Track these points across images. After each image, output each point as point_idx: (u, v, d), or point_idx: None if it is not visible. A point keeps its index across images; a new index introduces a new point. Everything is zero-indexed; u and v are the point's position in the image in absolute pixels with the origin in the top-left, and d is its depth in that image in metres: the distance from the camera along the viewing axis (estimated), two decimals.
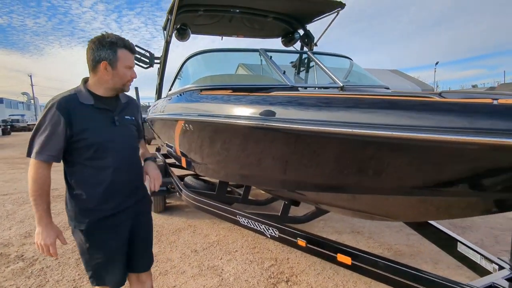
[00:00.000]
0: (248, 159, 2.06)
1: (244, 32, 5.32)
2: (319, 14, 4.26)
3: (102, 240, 1.50)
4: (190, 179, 4.25)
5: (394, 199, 1.72)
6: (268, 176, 2.07)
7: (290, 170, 1.92)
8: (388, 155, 1.43)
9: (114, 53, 1.42)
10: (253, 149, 1.99)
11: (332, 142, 1.56)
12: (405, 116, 1.31)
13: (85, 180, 1.46)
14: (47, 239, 1.39)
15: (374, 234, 3.61)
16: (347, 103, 1.55)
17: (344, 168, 1.66)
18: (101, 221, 1.49)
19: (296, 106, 1.76)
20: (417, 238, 3.48)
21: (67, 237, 1.88)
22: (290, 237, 2.16)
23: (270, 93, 2.00)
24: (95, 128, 1.43)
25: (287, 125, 1.68)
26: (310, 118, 1.62)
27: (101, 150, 1.44)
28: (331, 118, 1.53)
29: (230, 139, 2.06)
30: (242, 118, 1.88)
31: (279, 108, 1.78)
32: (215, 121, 2.04)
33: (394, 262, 1.73)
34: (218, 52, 2.95)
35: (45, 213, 1.39)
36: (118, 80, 1.47)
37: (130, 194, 1.58)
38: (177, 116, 2.62)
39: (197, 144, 2.51)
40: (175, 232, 3.80)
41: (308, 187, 2.03)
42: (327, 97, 1.74)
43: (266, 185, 2.30)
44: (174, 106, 2.87)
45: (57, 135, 1.35)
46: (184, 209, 4.75)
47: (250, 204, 4.02)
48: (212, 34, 5.33)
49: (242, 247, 3.32)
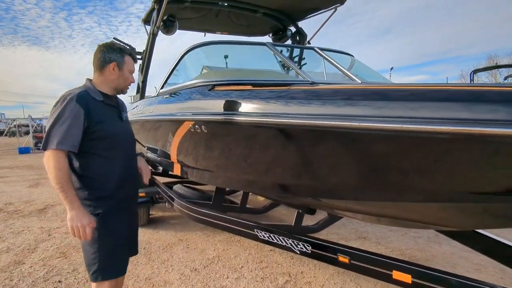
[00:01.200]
0: (285, 164, 1.76)
1: (230, 29, 5.00)
2: (314, 11, 4.07)
3: (115, 224, 1.61)
4: (180, 187, 3.83)
5: (454, 206, 1.53)
6: (306, 182, 1.79)
7: (334, 174, 1.67)
8: (457, 154, 1.24)
9: (122, 57, 1.62)
10: (291, 151, 1.70)
11: (383, 140, 1.34)
12: (489, 109, 1.11)
13: (99, 169, 1.57)
14: (83, 219, 1.45)
15: (381, 239, 3.47)
16: (405, 96, 1.34)
17: (395, 169, 1.44)
18: (115, 206, 1.61)
19: (340, 101, 1.51)
20: (424, 241, 3.40)
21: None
22: (328, 253, 1.89)
23: (314, 87, 1.73)
24: (109, 121, 1.58)
25: (335, 123, 1.43)
26: (358, 114, 1.38)
27: (114, 142, 1.59)
28: (385, 113, 1.31)
29: (267, 141, 1.75)
30: (283, 116, 1.58)
31: (323, 105, 1.53)
32: (249, 121, 1.71)
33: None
34: (221, 45, 2.62)
35: (75, 197, 1.46)
36: (122, 81, 1.66)
37: (134, 184, 1.77)
38: (182, 116, 2.24)
39: (209, 148, 2.16)
40: (166, 248, 3.36)
41: (346, 193, 1.79)
42: (379, 90, 1.50)
43: (299, 193, 2.01)
44: (173, 106, 2.48)
45: (78, 125, 1.45)
46: (169, 220, 4.30)
47: (248, 212, 3.69)
48: (195, 29, 4.94)
49: (248, 262, 3.00)
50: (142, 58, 3.90)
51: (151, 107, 2.93)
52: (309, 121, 1.51)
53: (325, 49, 3.10)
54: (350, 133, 1.42)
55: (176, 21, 3.60)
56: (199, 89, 2.19)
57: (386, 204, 1.72)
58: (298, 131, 1.60)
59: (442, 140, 1.19)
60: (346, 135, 1.44)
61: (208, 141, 2.12)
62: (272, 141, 1.76)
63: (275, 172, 1.86)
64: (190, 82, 2.34)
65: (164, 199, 3.60)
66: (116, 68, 1.60)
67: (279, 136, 1.68)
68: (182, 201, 3.11)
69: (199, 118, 2.04)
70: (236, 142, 1.93)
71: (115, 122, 1.63)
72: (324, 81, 2.32)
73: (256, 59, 3.01)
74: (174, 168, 3.14)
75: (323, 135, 1.51)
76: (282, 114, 1.61)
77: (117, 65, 1.60)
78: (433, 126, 1.16)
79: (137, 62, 1.80)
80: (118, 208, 1.63)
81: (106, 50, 1.59)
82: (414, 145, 1.30)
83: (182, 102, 2.36)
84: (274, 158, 1.83)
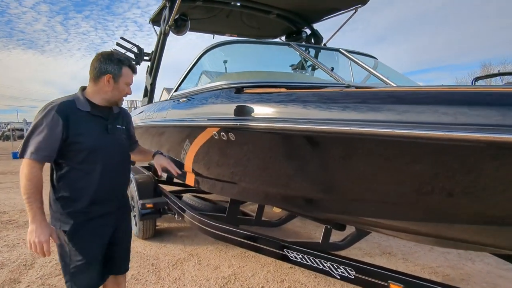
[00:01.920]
0: (330, 176, 1.52)
1: (240, 31, 4.79)
2: (332, 12, 3.87)
3: (84, 242, 1.54)
4: (190, 198, 3.56)
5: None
6: (352, 197, 1.56)
7: (386, 190, 1.44)
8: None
9: (119, 69, 1.56)
10: (338, 162, 1.47)
11: (448, 150, 1.12)
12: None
13: (73, 183, 1.51)
14: (41, 236, 1.39)
15: (407, 255, 3.23)
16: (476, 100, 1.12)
17: (458, 184, 1.22)
18: (86, 223, 1.54)
19: (395, 105, 1.29)
20: (455, 257, 3.17)
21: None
22: (375, 280, 1.65)
23: (354, 90, 1.51)
24: (89, 133, 1.50)
25: (398, 131, 1.21)
26: (421, 120, 1.16)
27: (92, 155, 1.51)
28: (455, 120, 1.10)
29: (310, 150, 1.51)
30: (331, 122, 1.36)
31: (381, 110, 1.30)
32: (289, 127, 1.48)
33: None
34: (243, 44, 2.40)
35: (39, 211, 1.41)
36: (117, 93, 1.60)
37: (114, 200, 1.66)
38: (203, 122, 2.00)
39: (236, 157, 1.91)
40: (176, 264, 3.09)
41: (395, 211, 1.56)
42: (437, 93, 1.28)
43: (338, 209, 1.77)
44: (191, 110, 2.23)
45: (54, 136, 1.40)
46: (175, 232, 4.02)
47: (263, 226, 3.43)
48: (204, 30, 4.72)
49: (268, 281, 2.74)
50: (150, 59, 3.66)
51: (164, 112, 2.69)
52: (367, 128, 1.28)
53: (349, 50, 2.90)
54: (409, 142, 1.20)
55: (188, 21, 3.37)
56: (224, 92, 1.95)
57: (443, 225, 1.49)
58: (349, 140, 1.37)
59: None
60: (403, 145, 1.23)
61: (235, 150, 1.87)
62: (317, 150, 1.52)
63: (318, 185, 1.63)
64: (212, 84, 2.10)
65: (173, 211, 3.34)
66: (111, 80, 1.55)
67: (326, 144, 1.46)
68: (195, 214, 2.86)
69: (226, 124, 1.80)
70: (272, 151, 1.69)
71: (98, 134, 1.54)
72: (358, 85, 2.11)
73: (278, 60, 2.79)
74: (187, 178, 2.88)
75: (379, 144, 1.29)
76: (330, 120, 1.38)
77: (112, 78, 1.55)
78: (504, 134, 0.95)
79: (136, 73, 1.70)
80: (91, 226, 1.55)
81: (104, 60, 1.54)
82: (484, 157, 1.08)
83: (202, 106, 2.11)
84: (318, 170, 1.59)
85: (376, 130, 1.27)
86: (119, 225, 1.72)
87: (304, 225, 4.14)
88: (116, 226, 1.69)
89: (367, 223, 1.90)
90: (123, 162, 1.71)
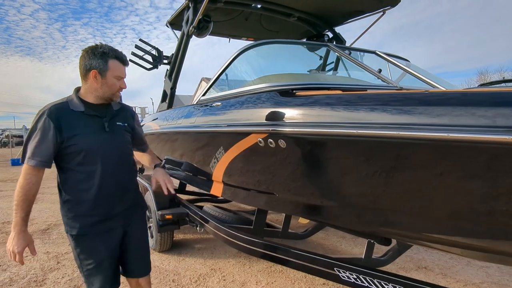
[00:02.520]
0: (388, 187, 1.35)
1: (258, 35, 4.64)
2: (357, 14, 3.73)
3: (92, 246, 1.52)
4: (210, 208, 3.36)
5: None
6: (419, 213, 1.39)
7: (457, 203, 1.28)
8: None
9: (105, 63, 1.47)
10: (407, 171, 1.30)
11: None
12: None
13: (75, 186, 1.48)
14: (15, 246, 1.40)
15: (445, 270, 3.04)
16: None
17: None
18: (92, 226, 1.51)
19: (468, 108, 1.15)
20: (496, 272, 2.98)
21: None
22: None
23: (438, 91, 1.35)
24: (85, 134, 1.46)
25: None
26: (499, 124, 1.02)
27: (90, 155, 1.47)
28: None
29: (377, 157, 1.33)
30: (402, 127, 1.20)
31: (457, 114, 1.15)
32: (357, 134, 1.30)
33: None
34: (281, 45, 2.24)
35: (22, 221, 1.40)
36: (107, 89, 1.51)
37: (121, 200, 1.59)
38: (248, 127, 1.82)
39: (283, 166, 1.73)
40: (199, 281, 2.88)
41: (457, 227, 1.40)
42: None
43: (400, 226, 1.59)
44: (230, 115, 2.05)
45: (47, 140, 1.39)
46: (193, 244, 3.81)
47: (290, 238, 3.22)
48: (220, 34, 4.57)
49: None
50: (170, 62, 3.49)
51: (192, 118, 2.50)
52: (443, 133, 1.13)
53: (384, 52, 2.74)
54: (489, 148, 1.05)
55: (211, 22, 3.21)
56: (271, 95, 1.78)
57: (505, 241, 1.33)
58: (427, 147, 1.22)
59: None
60: (474, 151, 1.08)
61: (285, 158, 1.69)
62: (385, 157, 1.35)
63: (380, 198, 1.45)
64: (255, 87, 1.92)
65: (195, 223, 3.14)
66: (98, 75, 1.48)
67: (401, 152, 1.29)
68: (222, 226, 2.67)
69: (276, 130, 1.62)
70: (328, 160, 1.51)
71: (95, 134, 1.49)
72: (409, 87, 1.96)
73: (310, 61, 2.63)
74: (213, 187, 2.69)
75: (455, 151, 1.14)
76: (413, 125, 1.22)
77: (98, 73, 1.47)
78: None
79: (127, 64, 1.59)
80: (98, 229, 1.52)
81: (87, 56, 1.47)
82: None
83: (243, 110, 1.92)
84: (383, 181, 1.41)
85: (461, 136, 1.11)
86: (130, 226, 1.66)
87: (327, 236, 3.95)
88: (126, 227, 1.64)
89: (421, 238, 1.73)
90: (126, 160, 1.63)
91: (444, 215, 1.38)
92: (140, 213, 1.80)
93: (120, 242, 1.63)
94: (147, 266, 1.78)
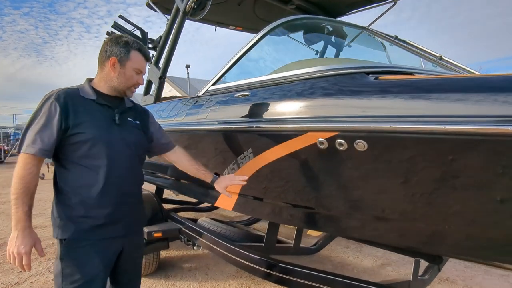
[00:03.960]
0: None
1: (248, 25, 4.18)
2: (363, 4, 3.42)
3: (84, 257, 1.30)
4: (209, 222, 2.82)
5: None
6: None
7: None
8: None
9: (127, 52, 1.38)
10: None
11: None
12: None
13: (76, 181, 1.31)
14: (21, 246, 1.19)
15: (467, 281, 2.82)
16: None
17: None
18: (89, 232, 1.31)
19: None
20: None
21: None
22: None
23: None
24: (93, 123, 1.32)
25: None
26: None
27: (97, 148, 1.30)
28: None
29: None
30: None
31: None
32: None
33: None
34: (314, 21, 1.81)
35: (25, 216, 1.20)
36: (123, 80, 1.40)
37: (125, 204, 1.39)
38: (299, 124, 1.36)
39: (357, 176, 1.29)
40: None
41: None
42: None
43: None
44: (264, 107, 1.54)
45: (51, 126, 1.25)
46: (181, 264, 3.22)
47: (302, 253, 2.82)
48: (207, 21, 4.03)
49: None
50: (155, 47, 2.90)
51: (201, 113, 1.94)
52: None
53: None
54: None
55: (210, 0, 2.68)
56: (337, 80, 1.33)
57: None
58: None
59: None
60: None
61: (364, 164, 1.25)
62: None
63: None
64: (308, 70, 1.45)
65: (191, 240, 2.60)
66: (116, 64, 1.37)
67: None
68: (233, 246, 2.21)
69: (356, 128, 1.19)
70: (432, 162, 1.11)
71: (104, 124, 1.35)
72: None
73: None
74: (221, 199, 2.20)
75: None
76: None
77: (118, 61, 1.36)
78: None
79: (150, 61, 1.54)
80: (95, 235, 1.31)
81: (110, 42, 1.38)
82: None
83: (291, 101, 1.44)
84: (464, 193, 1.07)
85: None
86: (128, 241, 1.45)
87: (330, 247, 3.59)
88: (126, 241, 1.43)
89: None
90: (135, 160, 1.46)
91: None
92: (139, 227, 1.61)
93: (115, 257, 1.42)
94: (137, 285, 1.59)
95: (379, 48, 2.34)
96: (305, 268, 1.92)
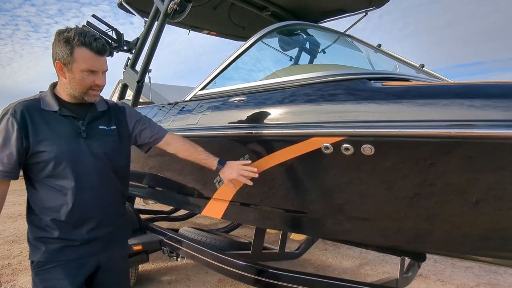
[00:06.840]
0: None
1: (222, 30, 4.16)
2: (336, 14, 3.56)
3: (56, 276, 1.22)
4: (191, 231, 2.71)
5: None
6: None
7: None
8: None
9: (69, 52, 1.16)
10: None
11: None
12: None
13: (43, 203, 1.22)
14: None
15: (439, 275, 3.00)
16: None
17: None
18: (58, 252, 1.23)
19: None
20: (481, 272, 3.07)
21: None
22: None
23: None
24: (55, 140, 1.19)
25: None
26: None
27: (61, 166, 1.19)
28: None
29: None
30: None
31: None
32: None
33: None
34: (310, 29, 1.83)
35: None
36: (76, 85, 1.21)
37: (100, 224, 1.29)
38: (303, 129, 1.37)
39: (362, 181, 1.32)
40: None
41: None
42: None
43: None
44: (264, 112, 1.53)
45: (9, 146, 1.15)
46: (157, 277, 3.08)
47: (287, 258, 2.82)
48: (181, 24, 3.93)
49: None
50: (130, 49, 2.76)
51: (191, 118, 1.87)
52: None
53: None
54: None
55: (191, 2, 2.61)
56: (342, 85, 1.35)
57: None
58: None
59: None
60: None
61: (370, 169, 1.28)
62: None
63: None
64: (313, 75, 1.45)
65: (174, 252, 2.49)
66: (64, 68, 1.19)
67: None
68: (221, 255, 2.16)
69: (363, 133, 1.22)
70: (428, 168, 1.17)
71: (68, 140, 1.22)
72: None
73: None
74: (209, 207, 2.14)
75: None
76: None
77: (63, 64, 1.18)
78: None
79: (103, 54, 1.25)
80: (64, 256, 1.24)
81: (54, 42, 1.20)
82: None
83: (293, 106, 1.44)
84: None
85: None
86: (108, 258, 1.35)
87: (309, 251, 3.64)
88: (101, 260, 1.33)
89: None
90: (109, 173, 1.32)
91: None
92: (122, 240, 1.48)
93: (89, 279, 1.33)
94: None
95: (363, 56, 2.44)
96: (295, 273, 1.93)
